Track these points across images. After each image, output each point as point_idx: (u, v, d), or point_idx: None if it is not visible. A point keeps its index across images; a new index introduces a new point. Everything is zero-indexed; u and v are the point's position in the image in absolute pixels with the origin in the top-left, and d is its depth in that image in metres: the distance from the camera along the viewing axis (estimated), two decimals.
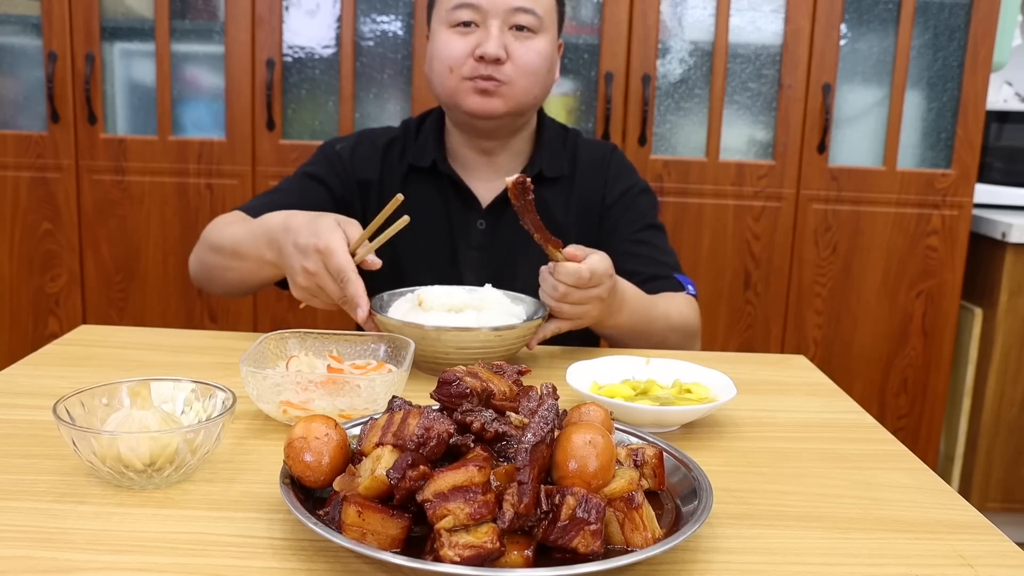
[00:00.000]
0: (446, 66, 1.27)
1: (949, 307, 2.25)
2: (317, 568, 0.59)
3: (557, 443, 0.61)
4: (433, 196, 1.35)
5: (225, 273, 1.22)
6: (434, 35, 1.30)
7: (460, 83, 1.26)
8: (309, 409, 0.81)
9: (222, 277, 1.23)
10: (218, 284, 1.26)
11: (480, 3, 1.24)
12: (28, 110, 2.18)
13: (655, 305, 1.24)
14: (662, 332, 1.25)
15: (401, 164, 1.37)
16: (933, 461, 2.34)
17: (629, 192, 1.39)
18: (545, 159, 1.36)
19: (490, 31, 1.25)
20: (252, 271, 1.17)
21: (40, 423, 0.83)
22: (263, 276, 1.17)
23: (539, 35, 1.28)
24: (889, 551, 0.66)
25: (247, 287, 1.23)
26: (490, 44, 1.24)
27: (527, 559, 0.57)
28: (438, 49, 1.28)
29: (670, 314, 1.26)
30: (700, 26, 2.17)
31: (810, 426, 0.92)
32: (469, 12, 1.25)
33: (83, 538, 0.62)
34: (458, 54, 1.26)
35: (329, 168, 1.35)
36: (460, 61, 1.26)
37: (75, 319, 2.22)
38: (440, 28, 1.28)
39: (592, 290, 1.04)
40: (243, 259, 1.16)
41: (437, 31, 1.29)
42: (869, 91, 2.21)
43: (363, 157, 1.37)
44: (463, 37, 1.26)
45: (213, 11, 2.15)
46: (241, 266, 1.18)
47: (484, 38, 1.25)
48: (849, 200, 2.21)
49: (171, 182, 2.17)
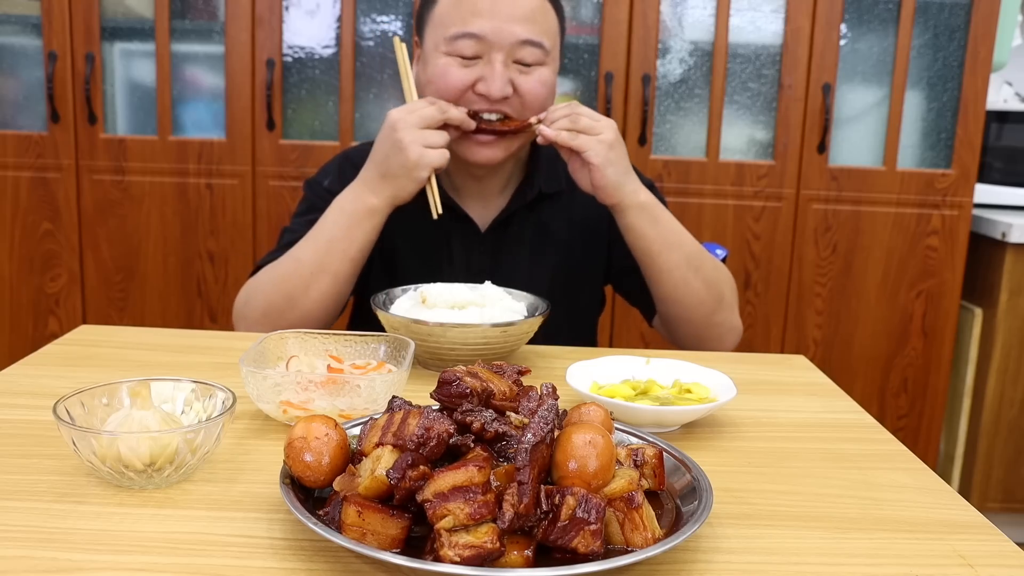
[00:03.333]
0: (446, 98, 1.19)
1: (949, 307, 2.25)
2: (317, 568, 0.59)
3: (557, 443, 0.61)
4: (430, 221, 1.26)
5: (311, 287, 1.16)
6: (429, 58, 1.21)
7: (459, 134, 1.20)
8: (309, 409, 0.81)
9: (306, 295, 1.16)
10: (301, 307, 1.17)
11: (486, 35, 1.16)
12: (28, 110, 2.18)
13: (686, 231, 1.21)
14: (688, 262, 1.19)
15: None
16: (933, 461, 2.34)
17: None
18: (543, 176, 1.32)
19: (494, 67, 1.17)
20: (351, 249, 1.16)
21: (40, 423, 0.83)
22: (363, 243, 1.17)
23: (544, 65, 1.21)
24: (889, 551, 0.66)
25: (342, 281, 1.17)
26: (495, 83, 1.17)
27: (527, 559, 0.57)
28: (435, 77, 1.20)
29: (703, 254, 1.21)
30: (700, 26, 2.17)
31: (810, 426, 0.92)
32: (472, 44, 1.17)
33: (83, 538, 0.62)
34: (458, 87, 1.19)
35: (324, 205, 1.25)
36: (459, 95, 1.19)
37: (75, 319, 2.22)
38: (436, 53, 1.20)
39: (583, 117, 1.15)
40: (334, 245, 1.15)
41: (433, 55, 1.20)
42: (869, 91, 2.21)
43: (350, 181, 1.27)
44: (464, 68, 1.19)
45: (213, 11, 2.15)
46: (333, 260, 1.15)
47: (488, 73, 1.18)
48: (849, 200, 2.21)
49: (171, 182, 2.17)
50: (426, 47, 1.23)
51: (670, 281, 1.21)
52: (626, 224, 1.19)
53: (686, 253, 1.20)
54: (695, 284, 1.21)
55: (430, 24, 1.22)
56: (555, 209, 1.34)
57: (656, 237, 1.19)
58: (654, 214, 1.19)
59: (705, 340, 1.27)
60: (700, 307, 1.23)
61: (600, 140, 1.15)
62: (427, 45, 1.23)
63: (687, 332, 1.27)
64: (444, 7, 1.20)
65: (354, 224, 1.17)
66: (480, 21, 1.17)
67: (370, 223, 1.17)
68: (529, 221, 1.32)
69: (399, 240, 1.30)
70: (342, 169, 1.32)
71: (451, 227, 1.30)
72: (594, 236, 1.35)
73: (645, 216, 1.18)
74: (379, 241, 1.29)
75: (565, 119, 1.16)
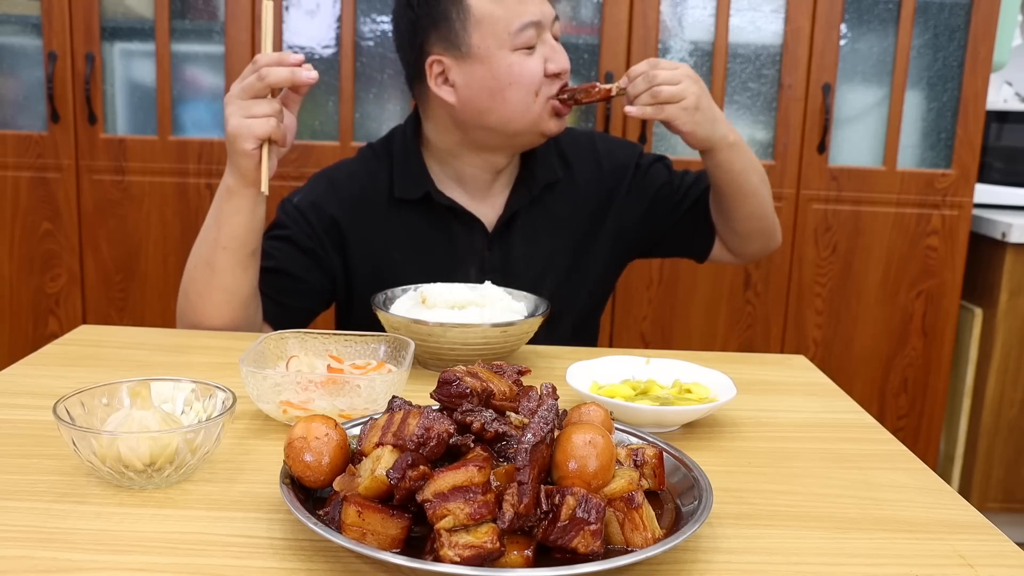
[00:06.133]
0: (530, 92, 1.20)
1: (949, 307, 2.25)
2: (317, 568, 0.59)
3: (557, 443, 0.61)
4: (431, 225, 1.29)
5: (197, 280, 1.15)
6: (492, 59, 1.20)
7: (544, 106, 1.22)
8: (309, 409, 0.81)
9: (195, 291, 1.15)
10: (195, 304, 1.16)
11: (539, 19, 1.21)
12: (28, 110, 2.18)
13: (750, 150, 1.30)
14: (761, 177, 1.30)
15: (375, 195, 1.29)
16: (933, 461, 2.34)
17: (637, 171, 1.38)
18: (540, 165, 1.33)
19: (552, 45, 1.22)
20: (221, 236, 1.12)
21: (40, 423, 0.83)
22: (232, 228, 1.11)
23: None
24: (889, 551, 0.66)
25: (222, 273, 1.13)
26: (564, 57, 1.23)
27: (527, 559, 0.57)
28: (515, 76, 1.20)
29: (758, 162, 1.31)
30: (700, 26, 2.17)
31: (810, 426, 0.92)
32: (533, 32, 1.20)
33: (83, 538, 0.62)
34: (539, 76, 1.21)
35: (293, 224, 1.26)
36: (540, 82, 1.21)
37: (75, 319, 2.22)
38: (501, 53, 1.19)
39: (665, 70, 1.16)
40: (207, 233, 1.13)
41: (498, 56, 1.19)
42: (869, 91, 2.21)
43: (324, 201, 1.28)
44: (532, 56, 1.21)
45: (213, 11, 2.15)
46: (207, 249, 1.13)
47: (549, 53, 1.21)
48: (849, 200, 2.21)
49: (171, 182, 2.17)
50: (478, 51, 1.20)
51: (754, 199, 1.31)
52: (717, 162, 1.25)
53: (758, 170, 1.30)
54: (767, 196, 1.32)
55: (475, 28, 1.19)
56: (556, 197, 1.34)
57: (744, 167, 1.26)
58: (741, 148, 1.25)
59: (770, 242, 1.40)
60: (770, 214, 1.35)
61: (684, 108, 1.17)
62: (479, 49, 1.20)
63: (758, 241, 1.38)
64: (485, 7, 1.19)
65: (219, 207, 1.13)
66: (531, 7, 1.20)
67: (231, 204, 1.11)
68: (533, 214, 1.32)
69: (399, 246, 1.29)
70: (314, 185, 1.31)
71: (458, 230, 1.29)
72: (603, 214, 1.36)
73: (735, 152, 1.24)
74: (374, 248, 1.28)
75: (646, 94, 1.18)
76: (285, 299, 1.24)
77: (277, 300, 1.23)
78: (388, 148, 1.33)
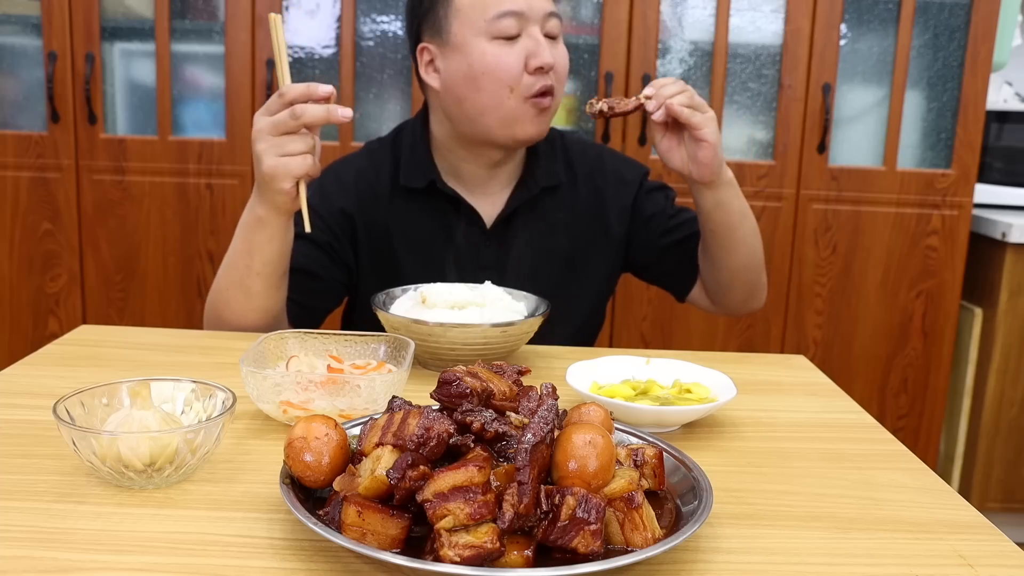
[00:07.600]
0: (504, 85, 1.18)
1: (949, 307, 2.25)
2: (317, 568, 0.59)
3: (557, 443, 0.61)
4: (432, 217, 1.30)
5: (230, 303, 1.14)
6: (466, 47, 1.19)
7: (521, 105, 1.19)
8: (309, 409, 0.81)
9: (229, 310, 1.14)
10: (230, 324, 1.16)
11: (523, 11, 1.17)
12: (28, 110, 2.18)
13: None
14: (754, 229, 1.26)
15: (379, 186, 1.30)
16: (933, 461, 2.34)
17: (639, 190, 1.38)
18: (542, 167, 1.32)
19: (537, 39, 1.18)
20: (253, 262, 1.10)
21: (40, 423, 0.83)
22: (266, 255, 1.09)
23: (559, 39, 1.24)
24: (889, 551, 0.66)
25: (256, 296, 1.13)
26: (547, 53, 1.17)
27: (527, 559, 0.57)
28: (488, 65, 1.17)
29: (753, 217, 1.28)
30: (700, 26, 2.17)
31: (810, 426, 0.92)
32: (515, 21, 1.17)
33: (83, 538, 0.62)
34: (516, 69, 1.17)
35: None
36: (518, 77, 1.18)
37: (75, 319, 2.22)
38: (476, 40, 1.18)
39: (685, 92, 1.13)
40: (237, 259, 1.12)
41: (472, 43, 1.18)
42: (869, 91, 2.21)
43: (333, 194, 1.28)
44: (511, 49, 1.17)
45: (213, 11, 2.15)
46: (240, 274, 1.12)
47: (532, 47, 1.18)
48: (849, 200, 2.21)
49: (171, 182, 2.17)
50: (456, 39, 1.20)
51: (744, 248, 1.26)
52: (716, 199, 1.21)
53: (751, 219, 1.27)
54: (757, 248, 1.29)
55: (454, 15, 1.20)
56: (557, 201, 1.34)
57: (738, 209, 1.23)
58: (738, 190, 1.23)
59: (751, 300, 1.35)
60: (758, 268, 1.31)
61: (711, 118, 1.16)
62: (457, 37, 1.20)
63: (740, 294, 1.33)
64: None
65: (250, 236, 1.10)
66: None
67: (263, 234, 1.09)
68: (533, 215, 1.33)
69: (400, 238, 1.30)
70: (322, 183, 1.28)
71: (457, 222, 1.30)
72: (601, 226, 1.36)
73: (733, 191, 1.22)
74: (377, 240, 1.29)
75: (682, 95, 1.14)
76: (308, 300, 1.24)
77: (301, 303, 1.23)
78: (395, 140, 1.35)
